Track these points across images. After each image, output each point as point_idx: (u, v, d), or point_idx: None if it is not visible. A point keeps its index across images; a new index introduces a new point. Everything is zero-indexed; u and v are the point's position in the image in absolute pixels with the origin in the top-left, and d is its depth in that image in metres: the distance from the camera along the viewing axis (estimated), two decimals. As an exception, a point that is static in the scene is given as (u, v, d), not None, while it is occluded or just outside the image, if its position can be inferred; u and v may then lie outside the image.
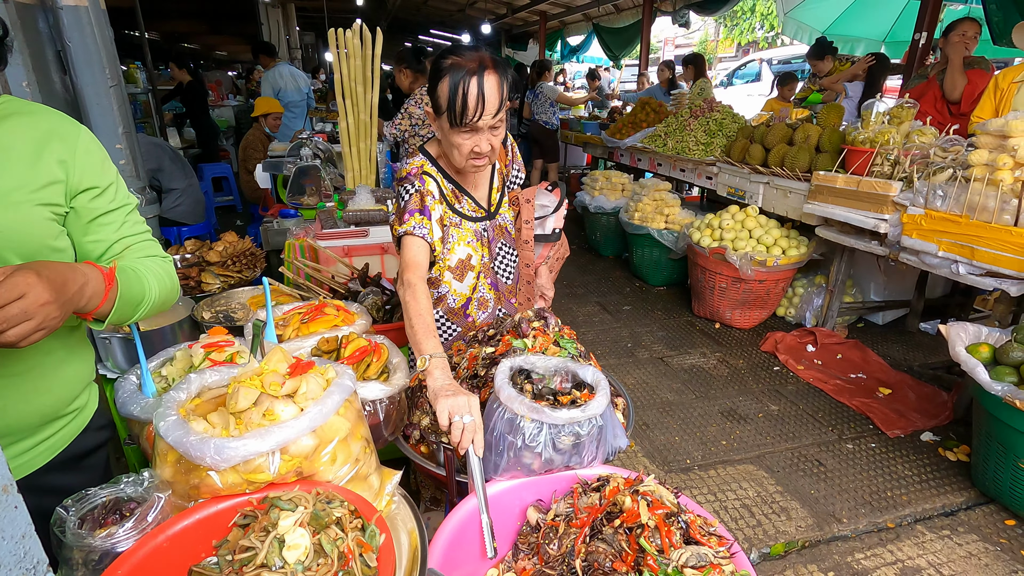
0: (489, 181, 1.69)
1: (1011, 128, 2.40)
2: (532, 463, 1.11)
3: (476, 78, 1.33)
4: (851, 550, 2.11)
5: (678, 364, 3.47)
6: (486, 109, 1.36)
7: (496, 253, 1.71)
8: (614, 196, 5.19)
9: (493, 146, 1.44)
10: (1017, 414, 2.02)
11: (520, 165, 1.81)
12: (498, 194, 1.71)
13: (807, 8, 6.64)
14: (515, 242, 1.76)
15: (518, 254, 1.83)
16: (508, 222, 1.73)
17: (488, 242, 1.67)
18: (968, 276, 2.57)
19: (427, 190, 1.53)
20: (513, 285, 1.79)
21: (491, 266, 1.70)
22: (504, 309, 1.78)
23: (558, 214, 1.82)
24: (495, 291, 1.74)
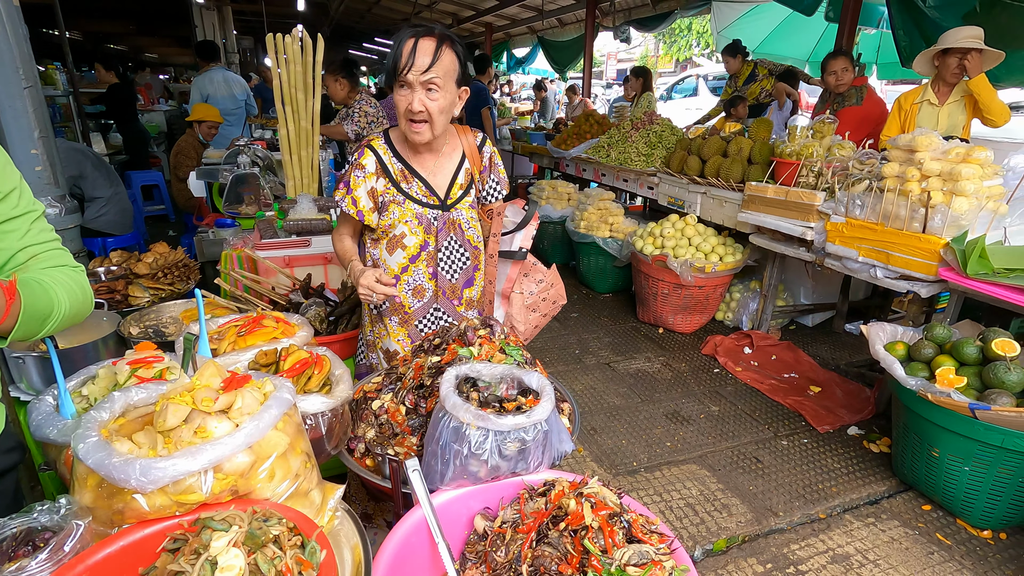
0: (452, 174, 1.72)
1: (917, 143, 2.62)
2: (479, 471, 1.11)
3: (414, 37, 1.49)
4: (787, 542, 2.21)
5: (624, 369, 3.55)
6: (416, 63, 1.47)
7: (442, 245, 1.72)
8: (560, 205, 5.28)
9: (428, 109, 1.53)
10: (929, 406, 2.19)
11: (500, 179, 1.83)
12: (461, 191, 1.73)
13: (738, 28, 7.00)
14: (468, 243, 1.77)
15: (485, 270, 1.84)
16: (463, 219, 1.74)
17: (436, 232, 1.71)
18: (885, 279, 2.77)
19: (360, 163, 1.67)
20: (457, 285, 1.80)
21: (435, 256, 1.73)
22: (443, 308, 1.80)
23: (526, 232, 1.81)
24: (435, 283, 1.76)
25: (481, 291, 1.85)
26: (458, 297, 1.81)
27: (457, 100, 1.60)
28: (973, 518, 2.25)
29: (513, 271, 1.85)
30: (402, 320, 1.79)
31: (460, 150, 1.74)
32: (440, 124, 1.58)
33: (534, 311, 1.94)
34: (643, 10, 8.25)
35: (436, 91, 1.51)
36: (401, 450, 1.39)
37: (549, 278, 1.92)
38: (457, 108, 1.62)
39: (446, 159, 1.72)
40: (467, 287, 1.82)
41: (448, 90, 1.54)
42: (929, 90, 3.43)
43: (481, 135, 1.81)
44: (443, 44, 1.49)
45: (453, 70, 1.53)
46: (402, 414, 1.46)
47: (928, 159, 2.58)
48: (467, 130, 1.77)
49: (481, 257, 1.82)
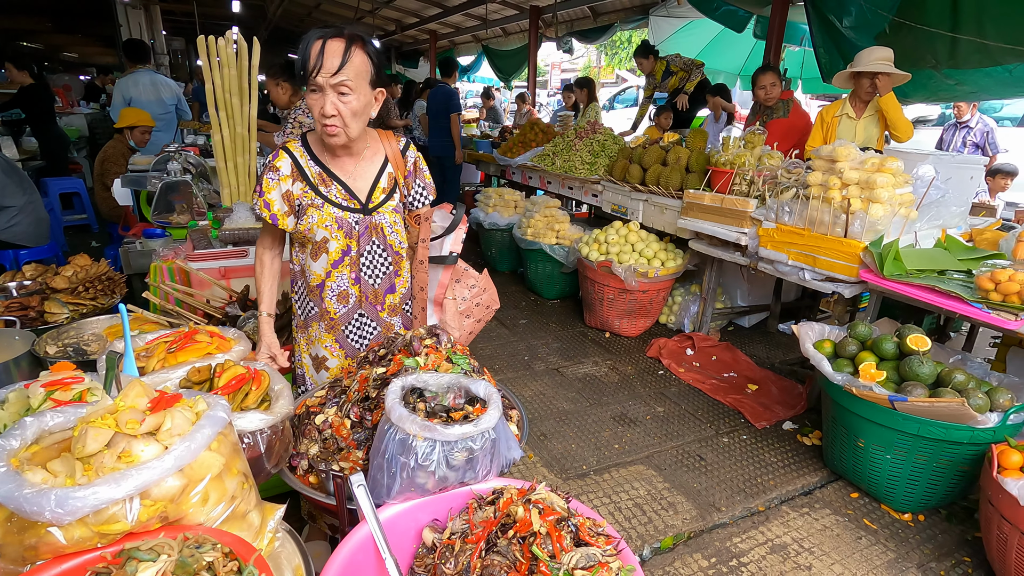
0: (374, 177, 1.71)
1: (837, 154, 2.80)
2: (426, 483, 1.10)
3: (322, 39, 1.45)
4: (729, 535, 2.29)
5: (572, 374, 3.60)
6: (324, 66, 1.44)
7: (364, 250, 1.71)
8: (507, 213, 5.31)
9: (340, 112, 1.50)
10: (854, 400, 2.34)
11: (426, 184, 1.82)
12: (383, 195, 1.72)
13: (675, 42, 7.30)
14: (391, 248, 1.76)
15: (414, 276, 1.82)
16: (386, 223, 1.73)
17: (357, 236, 1.69)
18: (812, 281, 2.95)
19: (273, 165, 1.63)
20: (380, 290, 1.78)
21: (357, 261, 1.72)
22: (367, 314, 1.78)
23: (455, 236, 1.82)
24: (359, 288, 1.75)
25: (402, 297, 1.84)
26: (380, 303, 1.79)
27: (373, 102, 1.58)
28: (895, 503, 2.41)
29: (445, 277, 1.84)
30: (328, 326, 1.77)
31: (382, 154, 1.73)
32: (355, 126, 1.55)
33: (468, 316, 1.94)
34: (585, 22, 8.47)
35: (349, 94, 1.48)
36: (347, 465, 1.36)
37: (481, 283, 1.93)
38: (374, 109, 1.59)
39: (367, 163, 1.70)
40: (389, 293, 1.81)
41: (361, 92, 1.51)
42: (847, 104, 3.69)
43: (404, 139, 1.79)
44: (353, 45, 1.46)
45: (365, 71, 1.50)
46: (347, 428, 1.42)
47: (847, 169, 2.77)
48: (390, 135, 1.75)
49: (403, 263, 1.80)
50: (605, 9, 7.97)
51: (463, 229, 1.84)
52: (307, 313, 1.79)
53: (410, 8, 10.50)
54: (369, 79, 1.52)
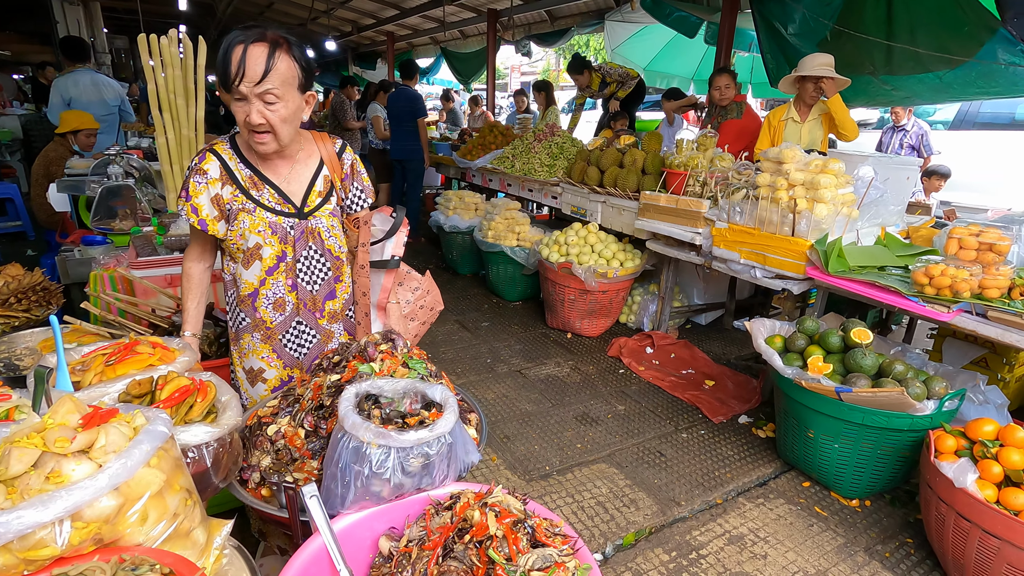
0: (310, 180, 1.66)
1: (783, 156, 2.91)
2: (381, 491, 1.08)
3: (242, 44, 1.38)
4: (689, 529, 2.34)
5: (535, 375, 3.61)
6: (247, 74, 1.37)
7: (300, 256, 1.66)
8: (468, 215, 5.30)
9: (269, 120, 1.45)
10: (804, 392, 2.43)
11: (364, 187, 1.78)
12: (320, 198, 1.67)
13: (630, 46, 7.44)
14: (329, 253, 1.72)
15: (355, 281, 1.78)
16: (323, 228, 1.68)
17: (293, 242, 1.64)
18: (763, 279, 3.04)
19: (200, 168, 1.56)
20: (319, 297, 1.73)
21: (293, 267, 1.66)
22: (305, 321, 1.73)
23: (396, 239, 1.78)
24: (296, 295, 1.69)
25: (344, 303, 1.79)
26: (320, 310, 1.74)
27: (304, 106, 1.53)
28: (843, 490, 2.51)
29: (387, 281, 1.81)
30: (264, 336, 1.71)
31: (317, 156, 1.68)
32: (286, 134, 1.50)
33: (412, 320, 1.92)
34: (542, 26, 8.54)
35: (276, 102, 1.43)
36: (301, 476, 1.32)
37: (424, 285, 1.92)
38: (306, 113, 1.55)
39: (301, 166, 1.65)
40: (329, 299, 1.75)
41: (290, 98, 1.45)
42: (792, 109, 3.83)
43: (340, 142, 1.74)
44: (277, 50, 1.40)
45: (292, 76, 1.44)
46: (301, 438, 1.39)
47: (793, 170, 2.88)
48: (325, 136, 1.71)
49: (344, 268, 1.76)
50: (562, 13, 8.06)
51: (404, 232, 1.80)
52: (238, 325, 1.72)
53: (366, 9, 10.36)
54: (297, 84, 1.46)
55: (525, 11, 7.84)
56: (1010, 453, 1.89)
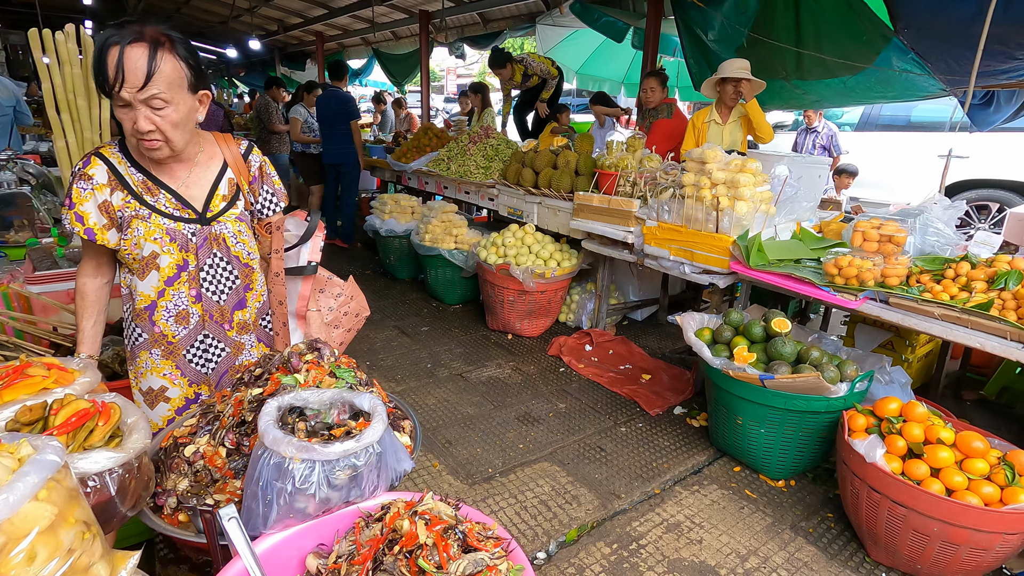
0: (212, 184, 1.57)
1: (706, 156, 3.05)
2: (307, 507, 1.04)
3: (118, 45, 1.27)
4: (629, 520, 2.40)
5: (476, 378, 3.59)
6: (127, 79, 1.28)
7: (204, 264, 1.57)
8: (404, 219, 5.22)
9: (159, 127, 1.35)
10: (731, 381, 2.54)
11: (276, 190, 1.70)
12: (224, 203, 1.58)
13: (562, 50, 7.57)
14: (237, 260, 1.63)
15: (270, 289, 1.71)
16: (228, 234, 1.59)
17: (195, 249, 1.55)
18: (691, 274, 3.17)
19: (84, 174, 1.46)
20: (227, 307, 1.64)
21: (197, 276, 1.57)
22: (212, 334, 1.63)
23: (313, 244, 1.71)
24: (201, 306, 1.60)
25: (257, 313, 1.71)
26: (228, 321, 1.65)
27: (197, 106, 1.44)
28: (770, 472, 2.65)
29: (305, 288, 1.74)
30: (166, 352, 1.60)
31: (220, 159, 1.59)
32: (179, 138, 1.41)
33: (336, 327, 1.86)
34: (475, 28, 8.54)
35: (165, 107, 1.33)
36: (223, 497, 1.25)
37: (348, 291, 1.87)
38: (200, 113, 1.46)
39: (202, 168, 1.56)
40: (238, 309, 1.66)
41: (179, 101, 1.36)
42: (714, 111, 4.02)
43: (246, 143, 1.66)
44: (159, 50, 1.29)
45: (179, 77, 1.34)
46: (222, 457, 1.32)
47: (715, 170, 3.01)
48: (228, 138, 1.63)
49: (255, 276, 1.67)
50: (494, 16, 8.10)
51: (320, 237, 1.73)
52: (134, 342, 1.61)
53: (293, 8, 10.01)
54: (186, 84, 1.37)
55: (457, 13, 7.82)
56: (912, 427, 2.06)
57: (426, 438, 2.93)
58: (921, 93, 4.15)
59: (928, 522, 1.90)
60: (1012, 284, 2.16)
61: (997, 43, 3.20)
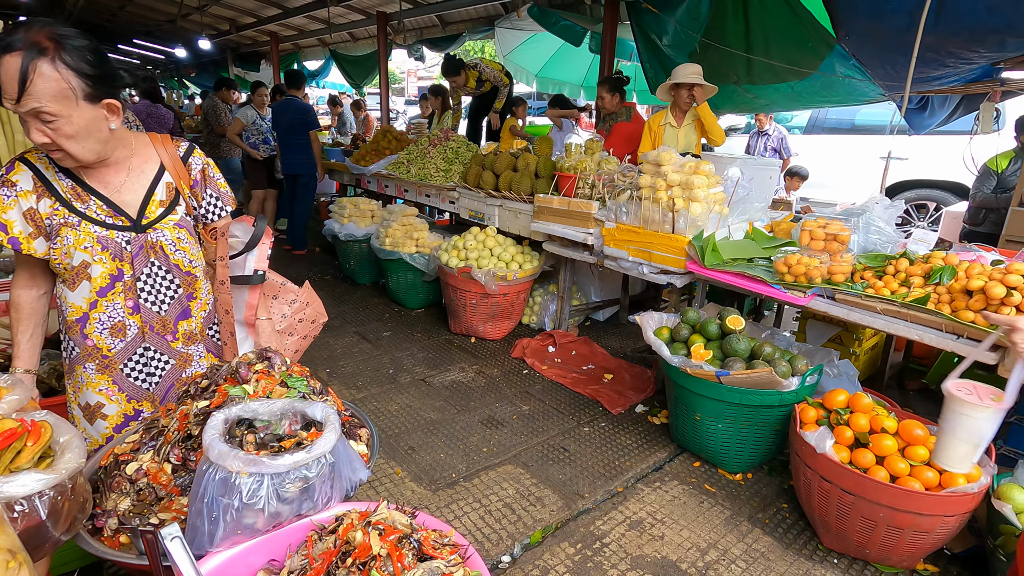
0: (147, 189, 1.50)
1: (661, 159, 3.11)
2: (255, 522, 1.00)
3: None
4: (593, 520, 2.42)
5: (439, 382, 3.56)
6: (5, 92, 1.19)
7: (141, 273, 1.50)
8: (364, 223, 5.14)
9: (53, 140, 1.26)
10: (689, 378, 2.59)
11: (221, 193, 1.63)
12: (162, 208, 1.52)
13: (521, 53, 7.61)
14: (177, 269, 1.56)
15: (217, 298, 1.65)
16: (167, 241, 1.52)
17: (131, 258, 1.48)
18: (650, 275, 3.23)
19: (7, 179, 1.38)
20: (168, 318, 1.57)
21: (133, 286, 1.51)
22: (154, 347, 1.57)
23: (260, 252, 1.63)
24: (139, 318, 1.53)
25: (203, 322, 1.65)
26: (171, 332, 1.58)
27: (104, 115, 1.33)
28: (728, 466, 2.71)
29: (252, 297, 1.67)
30: (101, 366, 1.52)
31: (156, 162, 1.53)
32: (81, 150, 1.32)
33: (291, 335, 1.81)
34: (434, 30, 8.50)
35: (54, 120, 1.23)
36: (168, 516, 1.21)
37: (303, 296, 1.81)
38: (113, 122, 1.36)
39: (136, 173, 1.49)
40: (183, 319, 1.60)
41: (70, 114, 1.25)
42: (669, 114, 4.11)
43: (186, 145, 1.59)
44: (35, 61, 1.17)
45: (64, 89, 1.22)
46: (167, 473, 1.26)
47: (670, 172, 3.08)
48: (167, 139, 1.56)
49: (199, 284, 1.62)
50: (453, 19, 8.07)
51: (267, 244, 1.66)
52: (70, 355, 1.53)
53: (245, 7, 9.73)
54: (79, 95, 1.24)
55: (415, 15, 7.76)
56: (858, 418, 2.15)
57: (388, 445, 2.89)
58: (862, 98, 4.35)
59: (875, 508, 1.98)
60: (946, 279, 2.28)
61: (930, 51, 3.38)
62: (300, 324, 1.77)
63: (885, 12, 3.48)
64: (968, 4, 3.12)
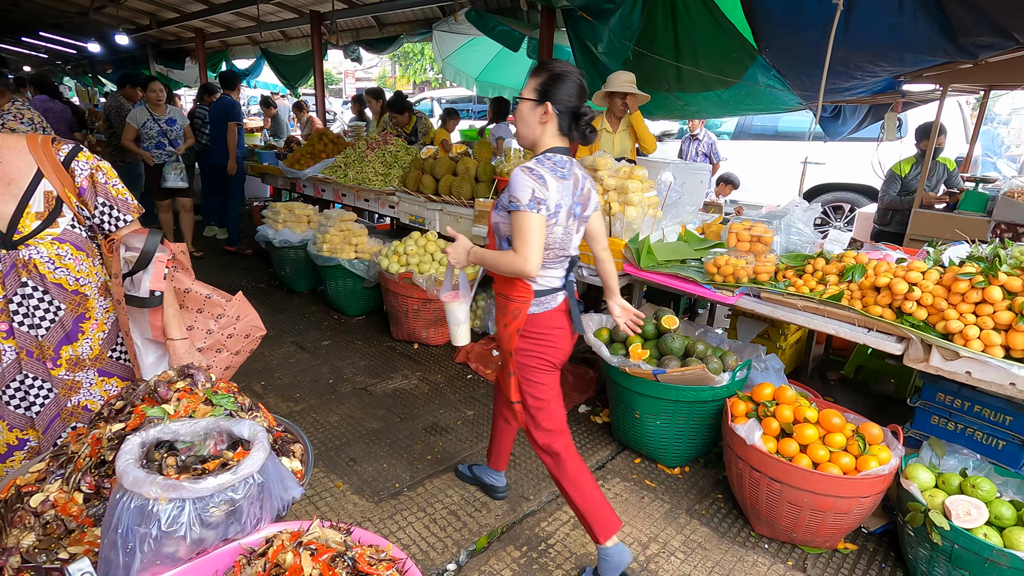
0: (20, 199, 1.37)
1: (597, 164, 3.18)
2: (177, 551, 0.94)
3: None
4: (538, 521, 2.44)
5: (381, 391, 3.49)
6: None
7: (15, 294, 1.39)
8: (300, 228, 4.97)
9: None
10: (628, 377, 2.67)
11: (115, 200, 1.48)
12: (38, 221, 1.39)
13: (460, 56, 7.60)
14: (60, 288, 1.44)
15: (117, 317, 1.53)
16: (43, 259, 1.40)
17: (1, 277, 1.36)
18: (589, 277, 3.29)
19: None
20: (48, 343, 1.45)
21: (6, 308, 1.39)
22: (34, 373, 1.45)
23: (155, 271, 1.44)
24: (15, 342, 1.42)
25: (102, 345, 1.54)
26: (51, 359, 1.46)
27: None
28: (667, 460, 2.81)
29: (155, 319, 1.50)
30: None
31: (32, 168, 1.39)
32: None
33: (219, 351, 1.69)
34: (370, 32, 8.35)
35: None
36: (79, 549, 1.12)
37: (232, 310, 1.68)
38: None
39: (5, 182, 1.36)
40: (66, 344, 1.48)
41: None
42: (605, 120, 4.22)
43: (69, 147, 1.44)
44: None
45: None
46: (78, 503, 1.18)
47: (606, 176, 3.15)
48: (46, 142, 1.42)
49: (89, 303, 1.50)
50: (390, 20, 7.96)
51: (162, 261, 1.48)
52: None
53: (167, 1, 9.22)
54: None
55: (350, 16, 7.59)
56: (783, 409, 2.27)
57: (328, 458, 2.80)
58: (783, 106, 4.62)
59: (799, 494, 2.11)
60: (858, 276, 2.46)
61: (840, 64, 3.63)
62: (230, 340, 1.67)
63: (800, 27, 3.71)
64: (871, 22, 3.38)
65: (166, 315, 1.49)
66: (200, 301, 1.63)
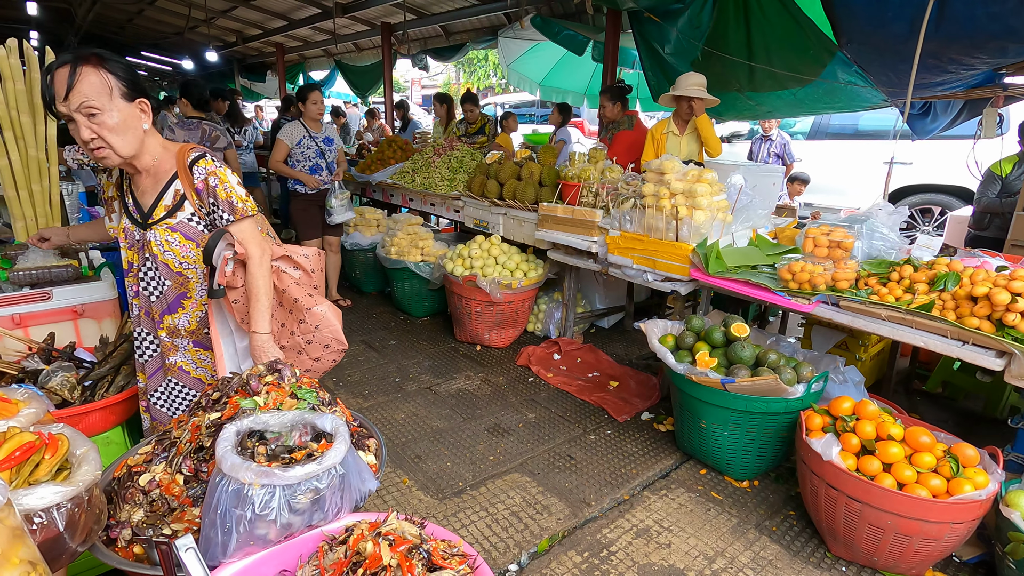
0: (159, 192, 1.69)
1: (665, 167, 3.13)
2: (268, 533, 1.02)
3: (50, 72, 1.46)
4: (599, 528, 2.42)
5: (445, 391, 3.58)
6: (56, 94, 1.45)
7: (144, 265, 1.73)
8: (370, 232, 5.17)
9: (99, 134, 1.49)
10: (695, 386, 2.60)
11: (221, 203, 1.64)
12: (164, 211, 1.68)
13: (524, 62, 7.66)
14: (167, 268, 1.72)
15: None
16: (157, 241, 1.69)
17: (138, 249, 1.73)
18: (654, 282, 3.24)
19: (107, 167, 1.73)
20: (157, 309, 1.76)
21: (137, 274, 1.75)
22: (146, 329, 1.81)
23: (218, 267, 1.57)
24: (139, 301, 1.79)
25: (199, 322, 1.80)
26: (157, 322, 1.78)
27: (139, 114, 1.56)
28: (735, 473, 2.71)
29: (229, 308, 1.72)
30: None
31: (173, 169, 1.69)
32: (122, 144, 1.53)
33: (300, 353, 1.80)
34: (437, 40, 8.58)
35: (97, 113, 1.47)
36: (181, 527, 1.22)
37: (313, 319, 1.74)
38: (145, 121, 1.58)
39: (155, 178, 1.69)
40: (169, 313, 1.76)
41: (112, 108, 1.49)
42: (672, 122, 4.13)
43: (196, 153, 1.66)
44: (81, 65, 1.44)
45: (105, 86, 1.47)
46: (179, 484, 1.28)
47: (673, 180, 3.09)
48: (185, 148, 1.69)
49: (191, 285, 1.76)
50: (456, 29, 8.15)
51: (226, 257, 1.60)
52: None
53: (251, 19, 9.87)
54: (117, 93, 1.50)
55: (419, 26, 7.84)
56: (864, 425, 2.15)
57: (395, 454, 2.90)
58: (865, 104, 4.36)
59: (882, 515, 1.98)
60: (950, 286, 2.28)
61: (931, 58, 3.39)
62: (308, 346, 1.78)
63: (885, 20, 3.50)
64: (968, 11, 3.13)
65: (251, 308, 1.63)
66: (291, 302, 1.75)
